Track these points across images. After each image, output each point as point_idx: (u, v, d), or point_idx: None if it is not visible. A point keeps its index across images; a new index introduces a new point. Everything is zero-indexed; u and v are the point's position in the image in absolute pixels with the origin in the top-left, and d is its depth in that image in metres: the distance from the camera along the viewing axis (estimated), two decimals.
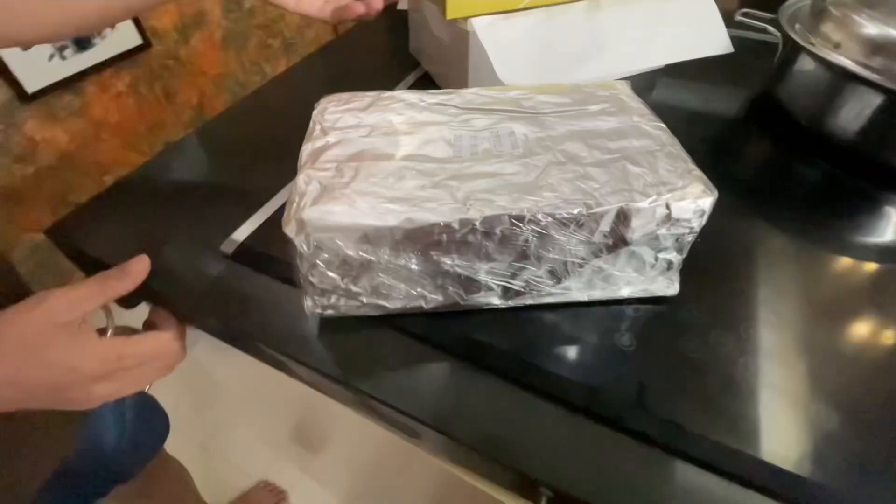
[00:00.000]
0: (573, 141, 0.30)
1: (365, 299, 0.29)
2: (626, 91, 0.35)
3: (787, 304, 0.32)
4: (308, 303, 0.30)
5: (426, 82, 0.54)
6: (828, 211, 0.40)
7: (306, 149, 0.31)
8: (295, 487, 1.07)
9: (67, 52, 1.11)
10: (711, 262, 0.34)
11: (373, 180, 0.28)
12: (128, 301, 0.36)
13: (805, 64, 0.42)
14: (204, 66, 1.43)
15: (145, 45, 1.22)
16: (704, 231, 0.28)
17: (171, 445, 0.70)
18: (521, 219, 0.26)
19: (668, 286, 0.31)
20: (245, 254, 0.36)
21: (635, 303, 0.31)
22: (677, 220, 0.27)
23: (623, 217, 0.26)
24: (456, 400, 0.28)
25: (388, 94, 0.36)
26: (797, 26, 0.44)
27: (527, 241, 0.27)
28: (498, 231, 0.26)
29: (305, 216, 0.26)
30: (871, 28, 0.38)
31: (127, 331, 0.32)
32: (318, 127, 0.32)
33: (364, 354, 0.31)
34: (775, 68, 0.47)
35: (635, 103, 0.33)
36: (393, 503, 0.97)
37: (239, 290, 0.34)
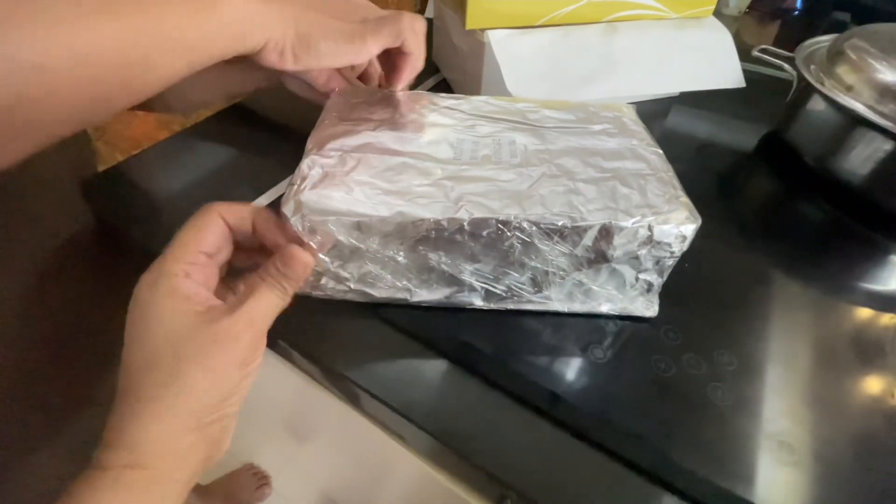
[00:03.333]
0: (570, 156, 0.31)
1: (352, 285, 0.31)
2: (630, 115, 0.36)
3: (768, 338, 0.32)
4: None
5: (443, 88, 0.55)
6: (826, 253, 0.40)
7: (314, 136, 0.32)
8: (279, 474, 1.08)
9: None
10: (697, 289, 0.34)
11: (373, 172, 0.29)
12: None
13: (816, 104, 0.42)
14: None
15: None
16: (696, 258, 0.28)
17: None
18: (507, 224, 0.27)
19: (648, 307, 0.31)
20: None
21: (614, 319, 0.32)
22: (658, 242, 0.27)
23: (606, 234, 0.27)
24: (428, 391, 0.29)
25: (400, 92, 0.37)
26: (812, 67, 0.44)
27: (511, 246, 0.28)
28: (484, 233, 0.28)
29: (304, 198, 0.27)
30: (886, 74, 0.39)
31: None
32: (328, 116, 0.34)
33: (347, 339, 0.32)
34: (787, 106, 0.47)
35: (637, 127, 0.34)
36: (371, 498, 0.97)
37: None
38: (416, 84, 0.55)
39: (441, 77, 0.56)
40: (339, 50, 0.31)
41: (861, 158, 0.40)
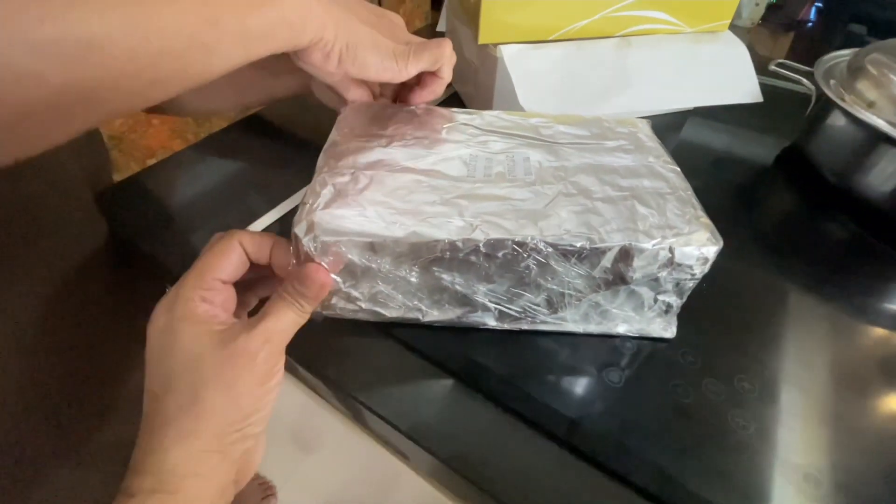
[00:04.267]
0: (586, 174, 0.30)
1: (363, 304, 0.30)
2: (645, 130, 0.35)
3: (789, 361, 0.31)
4: None
5: (455, 101, 0.55)
6: (849, 273, 0.39)
7: (326, 152, 0.32)
8: (284, 485, 1.08)
9: None
10: (715, 309, 0.33)
11: (385, 190, 0.29)
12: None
13: (836, 120, 0.42)
14: None
15: None
16: (713, 277, 0.28)
17: None
18: (523, 245, 0.26)
19: (665, 329, 0.31)
20: None
21: (630, 340, 0.31)
22: (680, 264, 0.26)
23: (625, 256, 0.26)
24: (439, 414, 0.29)
25: (412, 107, 0.37)
26: (832, 82, 0.43)
27: (527, 267, 0.27)
28: (500, 254, 0.27)
29: (316, 218, 0.27)
30: None
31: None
32: (340, 132, 0.33)
33: (357, 357, 0.31)
34: (806, 121, 0.46)
35: (652, 143, 0.34)
36: None
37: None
38: None
39: (453, 90, 0.56)
40: (382, 65, 0.32)
41: (884, 175, 0.39)
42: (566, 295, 0.29)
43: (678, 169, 0.31)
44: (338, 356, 0.31)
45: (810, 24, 1.21)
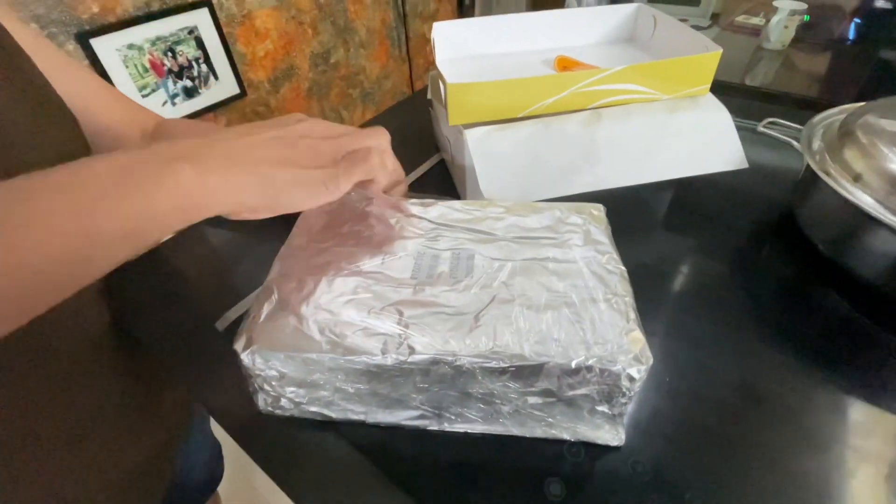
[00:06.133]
0: (524, 276, 0.30)
1: (309, 407, 0.31)
2: (599, 220, 0.35)
3: (757, 477, 0.29)
4: (259, 402, 0.32)
5: (442, 166, 0.56)
6: (837, 361, 0.35)
7: (280, 256, 0.34)
8: None
9: (178, 100, 1.31)
10: (676, 409, 0.32)
11: (328, 298, 0.30)
12: None
13: (823, 192, 0.39)
14: (290, 111, 1.61)
15: (241, 94, 1.44)
16: (682, 367, 0.26)
17: None
18: (448, 362, 0.27)
19: (613, 436, 0.29)
20: (234, 331, 0.40)
21: (577, 446, 0.30)
22: (606, 383, 0.26)
23: (549, 373, 0.26)
24: None
25: (372, 199, 0.38)
26: (818, 144, 0.40)
27: (455, 379, 0.28)
28: (427, 368, 0.27)
29: (255, 333, 0.28)
30: None
31: None
32: (299, 232, 0.35)
33: (301, 454, 0.32)
34: (795, 187, 0.44)
35: (603, 237, 0.33)
36: None
37: (221, 366, 0.38)
38: (421, 160, 0.56)
39: (440, 157, 0.57)
40: (313, 196, 0.31)
41: (874, 255, 0.36)
42: (501, 404, 0.28)
43: (623, 268, 0.31)
44: (287, 452, 0.32)
45: (849, 41, 1.14)
